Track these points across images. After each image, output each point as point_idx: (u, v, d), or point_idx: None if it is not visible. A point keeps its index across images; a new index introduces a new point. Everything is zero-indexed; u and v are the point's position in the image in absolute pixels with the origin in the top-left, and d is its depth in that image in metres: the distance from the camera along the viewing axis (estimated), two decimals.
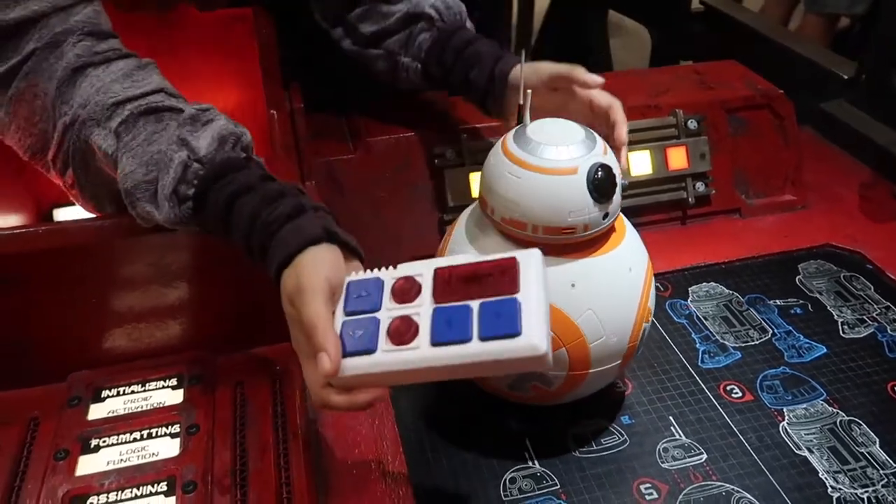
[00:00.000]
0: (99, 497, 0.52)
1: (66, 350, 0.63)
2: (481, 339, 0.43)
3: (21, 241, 0.57)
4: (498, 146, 0.56)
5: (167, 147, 0.53)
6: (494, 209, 0.55)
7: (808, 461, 0.60)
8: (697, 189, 0.88)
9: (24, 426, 0.59)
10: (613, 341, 0.56)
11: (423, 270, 0.48)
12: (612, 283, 0.56)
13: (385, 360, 0.45)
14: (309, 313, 0.46)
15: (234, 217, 0.51)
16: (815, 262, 0.83)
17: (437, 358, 0.44)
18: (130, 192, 0.53)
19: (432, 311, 0.45)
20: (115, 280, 0.61)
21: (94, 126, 0.54)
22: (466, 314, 0.44)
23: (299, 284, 0.47)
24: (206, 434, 0.57)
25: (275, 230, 0.49)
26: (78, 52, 0.54)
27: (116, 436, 0.57)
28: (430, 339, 0.44)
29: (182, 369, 0.63)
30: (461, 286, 0.46)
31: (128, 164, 0.53)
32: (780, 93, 0.92)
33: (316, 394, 0.47)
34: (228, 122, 0.56)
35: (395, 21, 0.76)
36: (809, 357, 0.70)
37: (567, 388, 0.57)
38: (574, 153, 0.53)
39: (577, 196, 0.52)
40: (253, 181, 0.52)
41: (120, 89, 0.54)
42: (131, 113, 0.53)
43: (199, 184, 0.52)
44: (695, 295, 0.78)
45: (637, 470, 0.59)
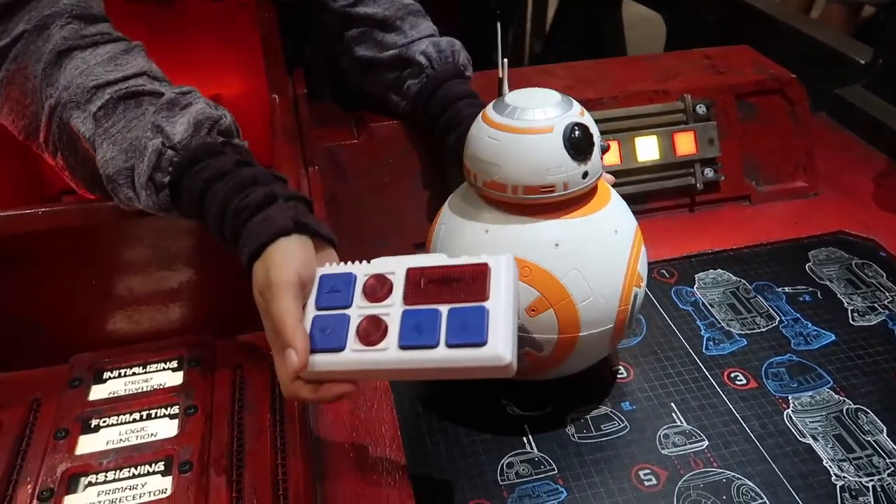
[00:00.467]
0: (97, 475, 0.53)
1: (68, 332, 0.63)
2: (448, 345, 0.44)
3: (22, 222, 0.58)
4: (479, 116, 0.57)
5: (143, 133, 0.52)
6: (476, 175, 0.56)
7: (812, 449, 0.59)
8: (706, 175, 0.87)
9: (26, 406, 0.60)
10: (601, 303, 0.55)
11: (395, 269, 0.48)
12: (597, 243, 0.56)
13: (353, 358, 0.45)
14: (278, 309, 0.46)
15: (207, 204, 0.51)
16: (826, 250, 0.81)
17: (403, 361, 0.45)
18: (112, 179, 0.53)
19: (402, 313, 0.46)
20: (115, 262, 0.62)
21: (74, 109, 0.53)
22: (435, 319, 0.45)
23: (269, 279, 0.46)
24: (203, 415, 0.57)
25: (245, 219, 0.49)
26: (65, 35, 0.54)
27: (116, 416, 0.58)
28: (398, 341, 0.45)
29: (182, 352, 0.63)
30: (432, 289, 0.46)
31: (108, 151, 0.53)
32: (793, 77, 0.90)
33: (285, 386, 0.47)
34: (207, 105, 0.55)
35: (387, 58, 0.77)
36: (817, 345, 0.69)
37: (560, 353, 0.57)
38: (550, 114, 0.54)
39: (555, 154, 0.53)
40: (227, 167, 0.51)
41: (102, 72, 0.54)
42: (111, 97, 0.53)
43: (173, 171, 0.52)
44: (701, 282, 0.77)
45: (636, 456, 0.58)
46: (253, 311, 0.64)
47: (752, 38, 1.01)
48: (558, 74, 0.91)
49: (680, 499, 0.55)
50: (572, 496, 0.55)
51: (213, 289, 0.65)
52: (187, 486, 0.52)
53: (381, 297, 0.47)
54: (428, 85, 0.74)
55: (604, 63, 0.96)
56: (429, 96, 0.74)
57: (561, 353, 0.57)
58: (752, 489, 0.55)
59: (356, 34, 0.78)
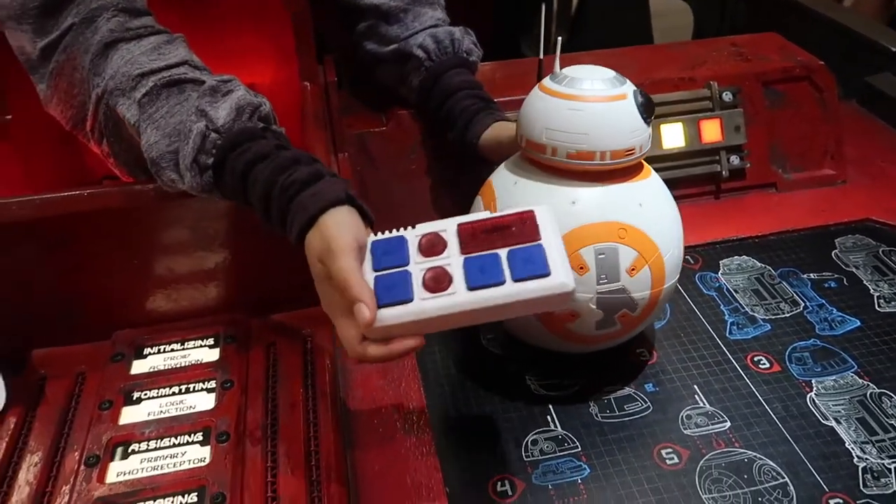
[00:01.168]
0: (140, 444, 0.55)
1: (111, 310, 0.66)
2: (514, 280, 0.47)
3: (69, 203, 0.60)
4: (539, 94, 0.58)
5: (187, 118, 0.54)
6: (557, 149, 0.57)
7: (834, 431, 0.59)
8: (732, 162, 0.87)
9: (72, 379, 0.63)
10: (676, 254, 0.60)
11: (445, 227, 0.50)
12: (665, 199, 0.61)
13: (423, 307, 0.47)
14: (340, 268, 0.47)
15: (250, 184, 0.53)
16: (852, 237, 0.81)
17: (474, 301, 0.47)
18: (155, 162, 0.55)
19: (462, 261, 0.48)
20: (156, 243, 0.64)
21: (120, 96, 0.56)
22: (497, 261, 0.48)
23: (327, 243, 0.48)
24: (239, 390, 0.60)
25: (293, 194, 0.50)
26: (111, 28, 0.56)
27: (156, 389, 0.60)
28: (466, 284, 0.47)
29: (218, 329, 0.65)
30: (486, 238, 0.49)
31: (152, 135, 0.55)
32: (821, 64, 0.89)
33: (353, 349, 0.48)
34: (248, 92, 0.57)
35: (388, 53, 0.78)
36: (842, 330, 0.69)
37: (646, 310, 0.60)
38: (616, 83, 0.57)
39: (632, 118, 0.56)
40: (268, 150, 0.53)
41: (146, 61, 0.56)
42: (155, 84, 0.55)
43: (217, 153, 0.54)
44: (725, 268, 0.78)
45: (659, 435, 0.60)
46: (285, 292, 0.67)
47: (782, 27, 1.01)
48: (585, 61, 0.91)
49: (701, 477, 0.56)
50: (595, 473, 0.57)
51: (248, 270, 0.67)
52: (225, 456, 0.54)
53: (438, 251, 0.49)
54: (427, 79, 0.75)
55: (630, 50, 0.96)
56: (428, 91, 0.75)
57: (648, 310, 0.60)
58: (774, 469, 0.56)
59: (364, 28, 0.80)
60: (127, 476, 0.53)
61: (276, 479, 0.53)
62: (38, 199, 0.60)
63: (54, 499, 0.53)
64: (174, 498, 0.52)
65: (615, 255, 0.57)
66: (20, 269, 0.62)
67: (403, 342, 0.47)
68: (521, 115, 0.60)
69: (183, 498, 0.52)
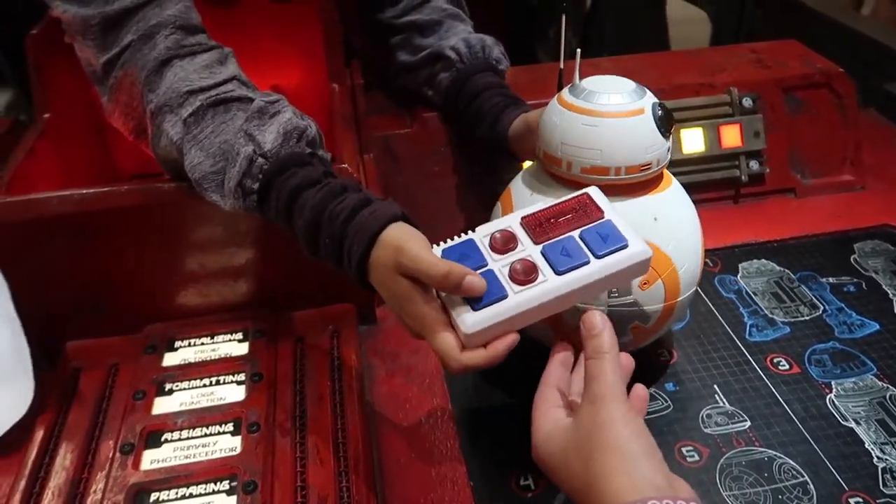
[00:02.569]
0: (173, 433, 0.57)
1: (143, 304, 0.68)
2: (598, 257, 0.49)
3: (106, 199, 0.62)
4: (557, 108, 0.58)
5: (234, 139, 0.55)
6: (572, 163, 0.57)
7: (854, 432, 0.60)
8: (751, 167, 0.88)
9: (105, 371, 0.65)
10: (693, 267, 0.60)
11: (509, 223, 0.52)
12: (683, 212, 0.60)
13: (520, 300, 0.48)
14: (427, 260, 0.47)
15: (297, 210, 0.53)
16: (871, 242, 0.82)
17: (567, 284, 0.48)
18: (199, 183, 0.56)
19: (540, 251, 0.50)
20: (188, 239, 0.66)
21: (168, 112, 0.57)
22: (574, 243, 0.50)
23: (399, 247, 0.48)
24: (268, 382, 0.61)
25: (346, 218, 0.50)
26: (168, 45, 0.57)
27: (188, 381, 0.62)
28: (555, 270, 0.49)
29: (247, 324, 0.67)
30: (554, 224, 0.51)
31: (196, 156, 0.56)
32: (840, 71, 0.90)
33: (456, 360, 0.47)
34: (295, 114, 0.57)
35: (421, 58, 0.80)
36: (861, 333, 0.70)
37: (661, 321, 0.60)
38: (635, 96, 0.57)
39: (649, 133, 0.56)
40: (316, 176, 0.54)
41: (196, 79, 0.57)
42: (202, 104, 0.56)
43: (263, 178, 0.54)
44: (744, 271, 0.78)
45: (679, 433, 0.60)
46: (312, 288, 0.68)
47: (800, 36, 1.02)
48: (604, 67, 0.93)
49: (722, 474, 0.57)
50: None
51: (276, 266, 0.69)
52: (255, 445, 0.55)
53: (512, 247, 0.50)
54: (458, 79, 0.76)
55: (650, 56, 0.98)
56: (458, 90, 0.76)
57: (662, 321, 0.60)
58: (794, 468, 0.57)
59: (398, 41, 0.82)
60: (161, 464, 0.55)
61: (306, 468, 0.55)
62: (77, 195, 0.61)
63: (90, 484, 0.55)
64: (207, 485, 0.53)
65: None
66: (58, 262, 0.64)
67: (504, 340, 0.48)
68: (539, 128, 0.60)
69: (216, 485, 0.53)
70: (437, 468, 0.58)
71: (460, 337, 0.47)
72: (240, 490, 0.52)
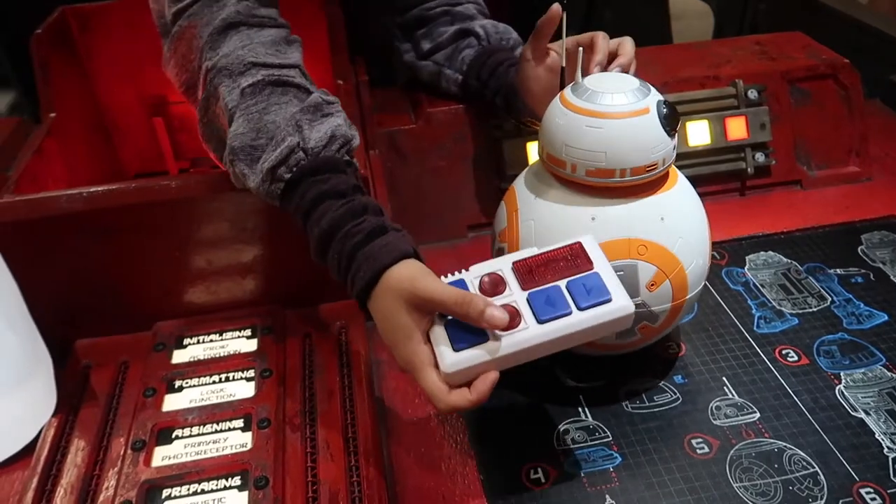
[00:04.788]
0: (183, 430, 0.57)
1: (152, 301, 0.68)
2: (580, 309, 0.50)
3: (114, 197, 0.62)
4: (560, 109, 0.57)
5: (284, 124, 0.55)
6: (576, 166, 0.56)
7: (864, 423, 0.60)
8: (757, 159, 0.87)
9: (115, 368, 0.65)
10: (700, 264, 0.59)
11: (500, 266, 0.53)
12: (690, 210, 0.60)
13: (501, 344, 0.49)
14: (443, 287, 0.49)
15: (317, 215, 0.54)
16: (878, 233, 0.82)
17: (546, 333, 0.49)
18: (235, 151, 0.56)
19: (526, 297, 0.51)
20: (196, 236, 0.66)
21: (227, 77, 0.56)
22: (559, 293, 0.50)
23: (415, 280, 0.49)
24: (277, 378, 0.61)
25: (359, 242, 0.51)
26: (238, 9, 0.57)
27: (197, 378, 0.62)
28: (536, 318, 0.50)
29: (256, 321, 0.67)
30: (542, 272, 0.52)
31: (241, 126, 0.55)
32: (846, 62, 0.90)
33: (444, 400, 0.48)
34: (345, 122, 0.58)
35: (447, 37, 0.81)
36: (869, 324, 0.70)
37: (669, 320, 0.60)
38: (639, 95, 0.55)
39: (654, 133, 0.55)
40: (345, 188, 0.54)
41: (263, 52, 0.56)
42: (263, 79, 0.56)
43: (296, 172, 0.55)
44: (752, 263, 0.78)
45: (688, 425, 0.60)
46: (320, 285, 0.68)
47: (804, 27, 1.01)
48: None
49: (732, 466, 0.57)
50: (627, 462, 0.58)
51: (284, 263, 0.69)
52: (266, 441, 0.55)
53: (500, 290, 0.51)
54: (482, 52, 0.78)
55: (654, 49, 0.97)
56: (482, 63, 0.78)
57: (670, 319, 0.60)
58: (804, 458, 0.57)
59: (424, 31, 0.83)
60: (172, 460, 0.55)
61: (316, 463, 0.55)
62: (85, 193, 0.62)
63: (102, 481, 0.55)
64: (219, 480, 0.53)
65: (634, 272, 0.56)
66: (66, 260, 0.64)
67: (485, 382, 0.49)
68: (542, 129, 0.59)
69: (227, 481, 0.53)
70: (447, 462, 0.58)
71: (441, 373, 0.49)
72: (251, 485, 0.52)
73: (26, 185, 0.66)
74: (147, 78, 0.88)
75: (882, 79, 1.05)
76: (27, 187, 0.66)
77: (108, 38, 0.86)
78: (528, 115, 0.74)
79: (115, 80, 0.88)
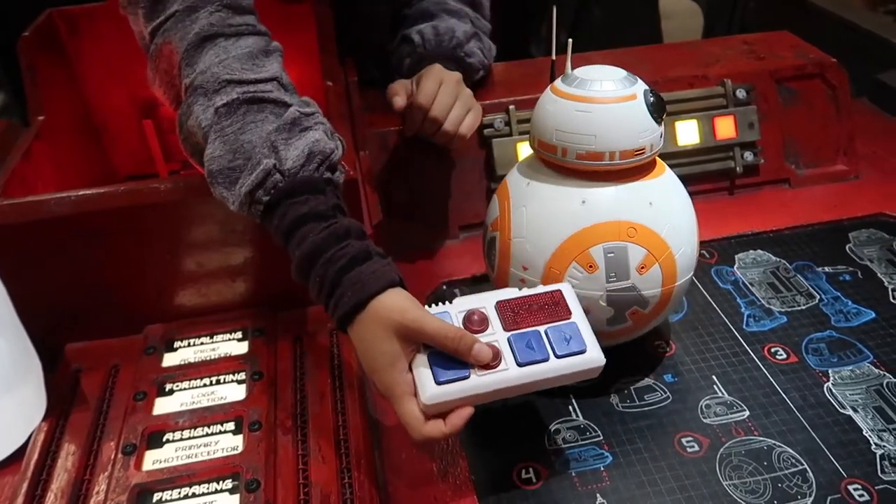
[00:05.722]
0: (174, 433, 0.57)
1: (141, 304, 0.68)
2: (557, 357, 0.52)
3: (103, 200, 0.62)
4: (550, 97, 0.59)
5: (259, 145, 0.54)
6: (567, 150, 0.58)
7: (852, 420, 0.60)
8: (746, 159, 0.88)
9: (105, 372, 0.65)
10: (689, 251, 0.60)
11: (484, 303, 0.54)
12: (678, 197, 0.61)
13: (479, 382, 0.50)
14: (436, 322, 0.50)
15: (297, 238, 0.53)
16: (866, 231, 0.82)
17: (524, 376, 0.51)
18: (213, 174, 0.55)
19: (507, 338, 0.52)
20: (186, 239, 0.66)
21: (202, 95, 0.55)
22: (539, 338, 0.53)
23: (406, 311, 0.50)
24: (269, 381, 0.61)
25: (344, 267, 0.51)
26: (212, 21, 0.56)
27: (188, 381, 0.62)
28: (516, 360, 0.51)
29: (246, 323, 0.67)
30: (525, 315, 0.54)
31: (217, 148, 0.55)
32: (833, 61, 0.91)
33: (419, 430, 0.50)
34: (325, 133, 0.57)
35: (395, 45, 0.81)
36: (857, 322, 0.70)
37: (659, 306, 0.60)
38: (627, 83, 0.58)
39: (642, 118, 0.57)
40: (324, 209, 0.53)
41: (238, 67, 0.55)
42: (238, 97, 0.54)
43: (274, 194, 0.54)
44: (741, 262, 0.79)
45: (679, 424, 0.61)
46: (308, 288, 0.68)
47: (792, 27, 1.02)
48: (598, 60, 0.92)
49: (722, 464, 0.57)
50: (617, 460, 0.58)
51: (274, 265, 0.68)
52: (257, 444, 0.55)
53: (483, 328, 0.53)
54: (417, 62, 0.77)
55: (643, 49, 0.98)
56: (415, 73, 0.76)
57: (660, 306, 0.61)
58: (793, 456, 0.57)
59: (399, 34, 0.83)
60: (163, 464, 0.55)
61: (308, 466, 0.55)
62: (74, 196, 0.61)
63: (93, 486, 0.55)
64: (210, 484, 0.53)
65: (624, 254, 0.57)
66: (55, 264, 0.64)
67: (460, 416, 0.50)
68: (533, 117, 0.60)
69: (218, 484, 0.53)
70: (439, 463, 0.58)
71: (419, 403, 0.50)
72: (242, 489, 0.52)
73: (15, 189, 0.66)
74: (136, 80, 0.87)
75: (869, 77, 1.06)
76: (15, 191, 0.65)
77: (97, 40, 0.85)
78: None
79: (105, 82, 0.88)
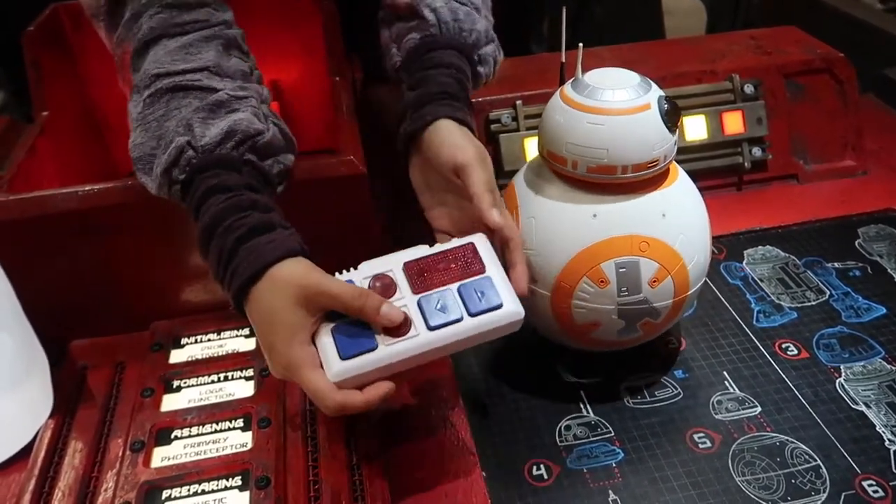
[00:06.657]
0: (182, 430, 0.57)
1: (148, 301, 0.67)
2: (471, 315, 0.49)
3: (110, 195, 0.62)
4: (559, 104, 0.56)
5: (175, 127, 0.53)
6: (578, 162, 0.56)
7: (864, 415, 0.60)
8: (754, 154, 0.87)
9: (112, 369, 0.64)
10: (702, 260, 0.59)
11: (391, 266, 0.51)
12: (690, 206, 0.59)
13: (389, 352, 0.48)
14: (338, 284, 0.48)
15: (203, 210, 0.51)
16: (875, 227, 0.82)
17: (437, 340, 0.49)
18: (135, 162, 0.55)
19: (417, 302, 0.50)
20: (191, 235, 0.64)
21: (135, 94, 0.55)
22: (450, 298, 0.50)
23: (306, 276, 0.48)
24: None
25: (242, 237, 0.49)
26: (152, 25, 0.54)
27: (196, 378, 0.61)
28: (427, 324, 0.49)
29: None
30: (434, 275, 0.51)
31: (139, 136, 0.54)
32: (841, 56, 0.90)
33: (332, 399, 0.47)
34: (254, 116, 0.54)
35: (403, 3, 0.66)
36: (868, 317, 0.70)
37: (671, 315, 0.59)
38: (640, 91, 0.55)
39: (656, 129, 0.55)
40: (233, 183, 0.51)
41: (168, 61, 0.54)
42: (162, 87, 0.53)
43: (189, 171, 0.53)
44: (750, 257, 0.78)
45: (690, 420, 0.60)
46: None
47: (797, 22, 1.02)
48: (603, 56, 0.92)
49: (734, 460, 0.57)
50: (629, 457, 0.58)
51: None
52: (267, 441, 0.55)
53: (391, 293, 0.50)
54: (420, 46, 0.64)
55: (650, 45, 0.97)
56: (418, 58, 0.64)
57: (672, 315, 0.60)
58: (806, 452, 0.57)
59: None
60: (172, 461, 0.54)
61: (318, 462, 0.54)
62: (80, 192, 0.61)
63: (101, 483, 0.54)
64: (219, 481, 0.53)
65: (636, 269, 0.56)
66: (61, 260, 0.64)
67: (378, 388, 0.48)
68: (542, 125, 0.59)
69: (228, 481, 0.53)
70: (449, 459, 0.58)
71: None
72: (252, 485, 0.52)
73: (19, 185, 0.65)
74: None
75: (875, 73, 1.05)
76: (20, 186, 0.65)
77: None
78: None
79: (109, 78, 0.86)
